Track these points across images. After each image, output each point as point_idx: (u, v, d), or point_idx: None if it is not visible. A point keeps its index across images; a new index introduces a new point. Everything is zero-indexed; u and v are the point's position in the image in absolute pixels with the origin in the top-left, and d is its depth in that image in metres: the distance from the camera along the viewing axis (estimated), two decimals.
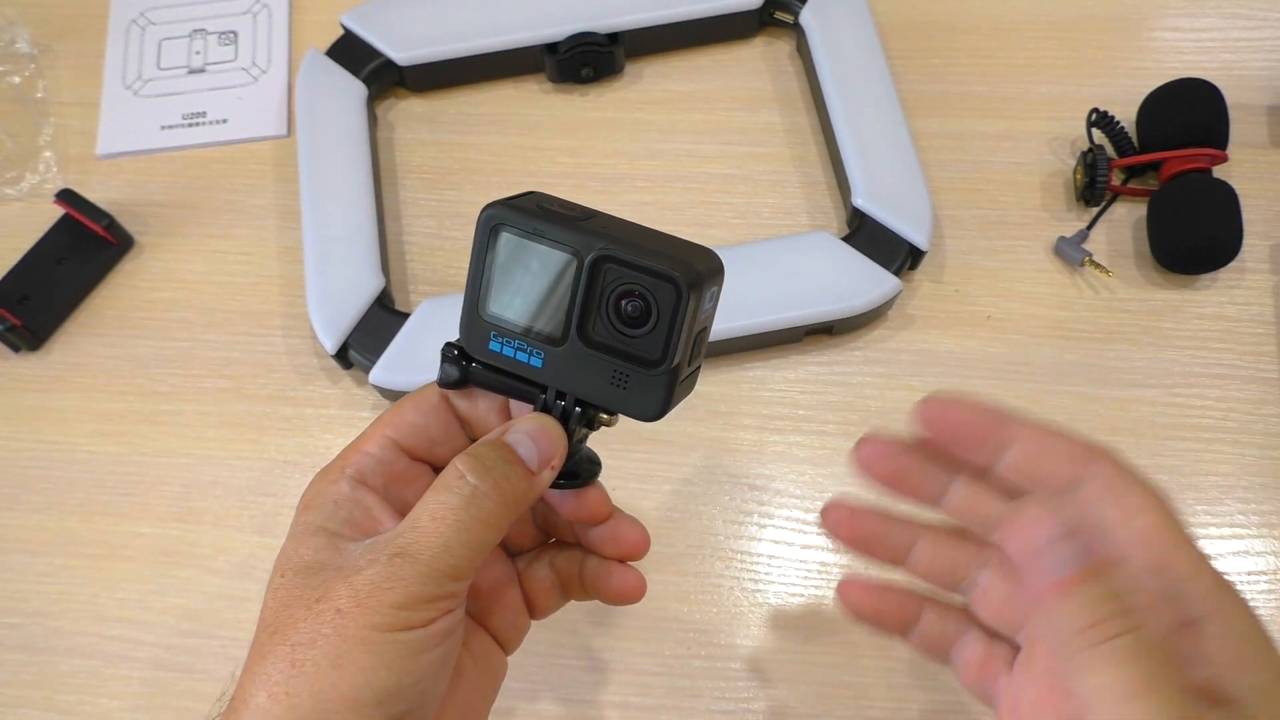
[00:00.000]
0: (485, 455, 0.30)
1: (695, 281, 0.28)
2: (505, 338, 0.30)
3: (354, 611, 0.27)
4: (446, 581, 0.28)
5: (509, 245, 0.29)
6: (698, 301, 0.28)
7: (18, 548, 0.50)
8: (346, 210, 0.54)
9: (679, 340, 0.28)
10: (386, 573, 0.28)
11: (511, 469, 0.30)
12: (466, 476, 0.29)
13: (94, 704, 0.47)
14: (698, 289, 0.28)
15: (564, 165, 0.58)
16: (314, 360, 0.53)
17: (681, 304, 0.28)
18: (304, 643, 0.27)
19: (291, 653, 0.27)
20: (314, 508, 0.31)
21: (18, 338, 0.53)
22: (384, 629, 0.27)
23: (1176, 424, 0.50)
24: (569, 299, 0.29)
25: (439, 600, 0.28)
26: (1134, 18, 0.61)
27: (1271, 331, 0.52)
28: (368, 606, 0.27)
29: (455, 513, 0.28)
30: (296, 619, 0.28)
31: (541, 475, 0.30)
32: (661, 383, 0.29)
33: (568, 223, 0.29)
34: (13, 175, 0.59)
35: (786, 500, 0.49)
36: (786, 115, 0.59)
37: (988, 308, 0.53)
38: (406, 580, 0.28)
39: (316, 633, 0.27)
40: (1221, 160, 0.53)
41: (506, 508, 0.29)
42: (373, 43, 0.58)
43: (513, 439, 0.30)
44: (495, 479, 0.29)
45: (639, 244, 0.28)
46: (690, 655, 0.46)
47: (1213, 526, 0.48)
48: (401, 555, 0.28)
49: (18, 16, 0.63)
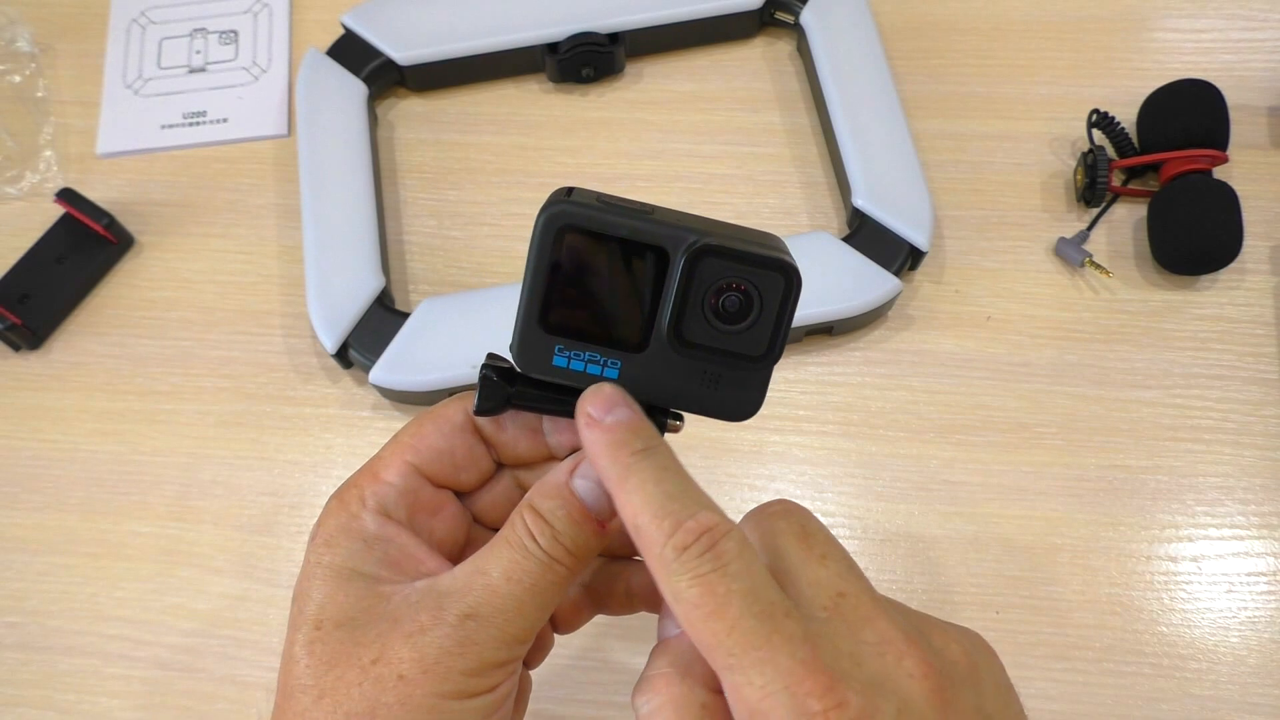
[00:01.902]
0: (554, 515, 0.27)
1: (798, 270, 0.27)
2: (574, 350, 0.28)
3: (420, 679, 0.25)
4: (518, 646, 0.27)
5: (578, 246, 0.26)
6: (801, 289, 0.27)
7: (17, 546, 0.50)
8: (346, 210, 0.54)
9: (787, 331, 0.27)
10: (457, 636, 0.26)
11: (581, 530, 0.27)
12: (539, 540, 0.27)
13: (93, 703, 0.47)
14: (801, 277, 0.27)
15: (564, 165, 0.58)
16: (314, 360, 0.53)
17: (792, 293, 0.26)
18: (361, 713, 0.25)
19: (348, 707, 0.25)
20: (337, 546, 0.28)
21: (18, 336, 0.53)
22: (452, 697, 0.26)
23: (1176, 425, 0.50)
24: (652, 298, 0.27)
25: (507, 665, 0.27)
26: (1134, 18, 0.61)
27: (1271, 333, 0.52)
28: (435, 674, 0.25)
29: (531, 577, 0.27)
30: (349, 682, 0.25)
31: (611, 524, 0.28)
32: (761, 378, 0.28)
33: (640, 216, 0.27)
34: (13, 174, 0.59)
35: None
36: (787, 115, 0.59)
37: (988, 308, 0.53)
38: (480, 646, 0.26)
39: (377, 701, 0.25)
40: (1222, 161, 0.53)
41: (580, 567, 0.28)
42: (373, 42, 0.58)
43: (579, 487, 0.27)
44: (567, 544, 0.27)
45: (729, 234, 0.27)
46: None
47: (1212, 527, 0.48)
48: (474, 618, 0.26)
49: (18, 15, 0.63)
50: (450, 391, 0.50)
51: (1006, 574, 0.47)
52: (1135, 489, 0.49)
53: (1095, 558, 0.47)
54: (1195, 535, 0.48)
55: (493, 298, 0.51)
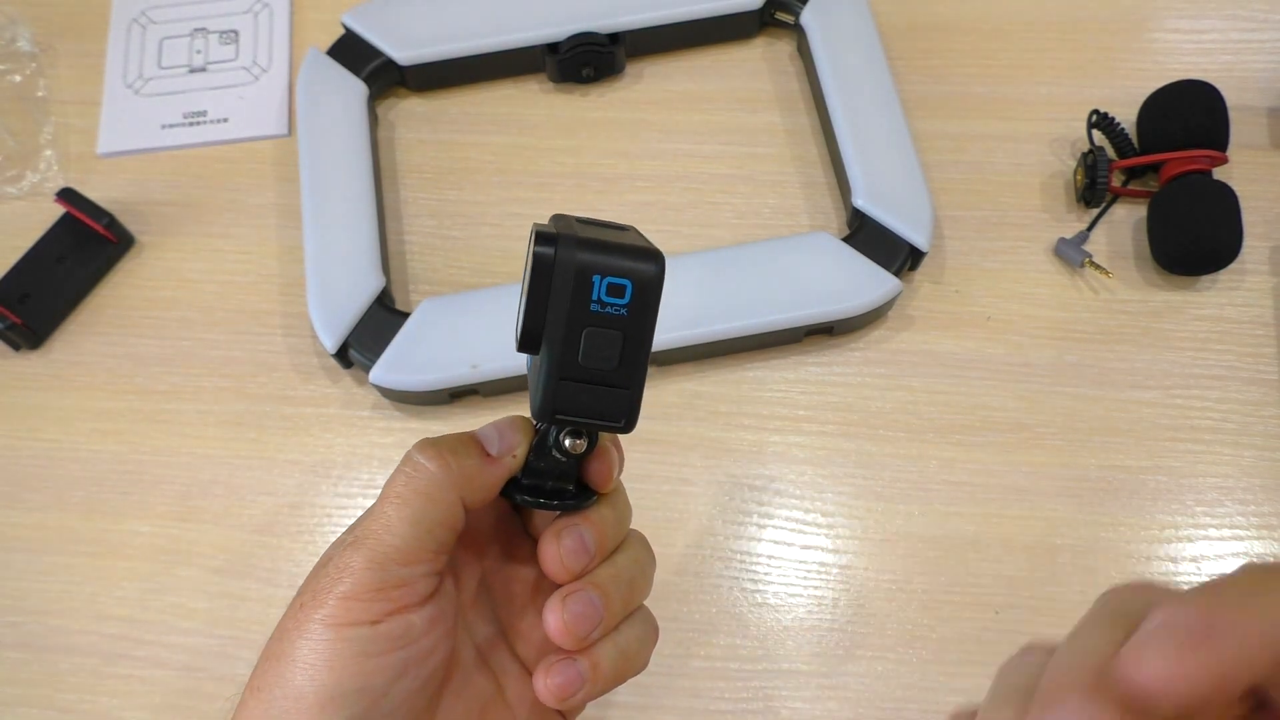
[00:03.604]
0: (443, 440, 0.29)
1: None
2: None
3: (310, 605, 0.27)
4: (393, 566, 0.27)
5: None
6: None
7: (17, 546, 0.50)
8: (347, 210, 0.54)
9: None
10: (339, 563, 0.27)
11: (466, 448, 0.29)
12: (415, 456, 0.28)
13: (93, 702, 0.47)
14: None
15: (564, 165, 0.58)
16: (314, 359, 0.53)
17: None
18: (275, 637, 0.27)
19: (267, 648, 0.27)
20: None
21: (18, 336, 0.53)
22: (330, 623, 0.26)
23: (1176, 425, 0.50)
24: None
25: (387, 591, 0.27)
26: (1134, 19, 0.61)
27: (1271, 333, 0.52)
28: (320, 599, 0.27)
29: (397, 490, 0.28)
30: (283, 617, 0.28)
31: (502, 460, 0.29)
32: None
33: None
34: (13, 174, 0.59)
35: (786, 500, 0.49)
36: (787, 116, 0.59)
37: (988, 309, 0.53)
38: (354, 568, 0.27)
39: (284, 628, 0.27)
40: (1222, 162, 0.53)
41: (453, 484, 0.28)
42: (374, 42, 0.58)
43: (479, 430, 0.30)
44: (444, 456, 0.28)
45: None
46: (690, 655, 0.46)
47: (1212, 528, 0.48)
48: (354, 544, 0.27)
49: (19, 15, 0.63)
50: (450, 391, 0.50)
51: (1006, 574, 0.47)
52: (1135, 489, 0.49)
53: (1095, 558, 0.47)
54: (1195, 535, 0.48)
55: (493, 298, 0.51)
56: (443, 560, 0.29)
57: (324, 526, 0.50)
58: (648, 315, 0.27)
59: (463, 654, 0.31)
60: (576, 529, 0.30)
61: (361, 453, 0.51)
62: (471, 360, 0.49)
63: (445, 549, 0.29)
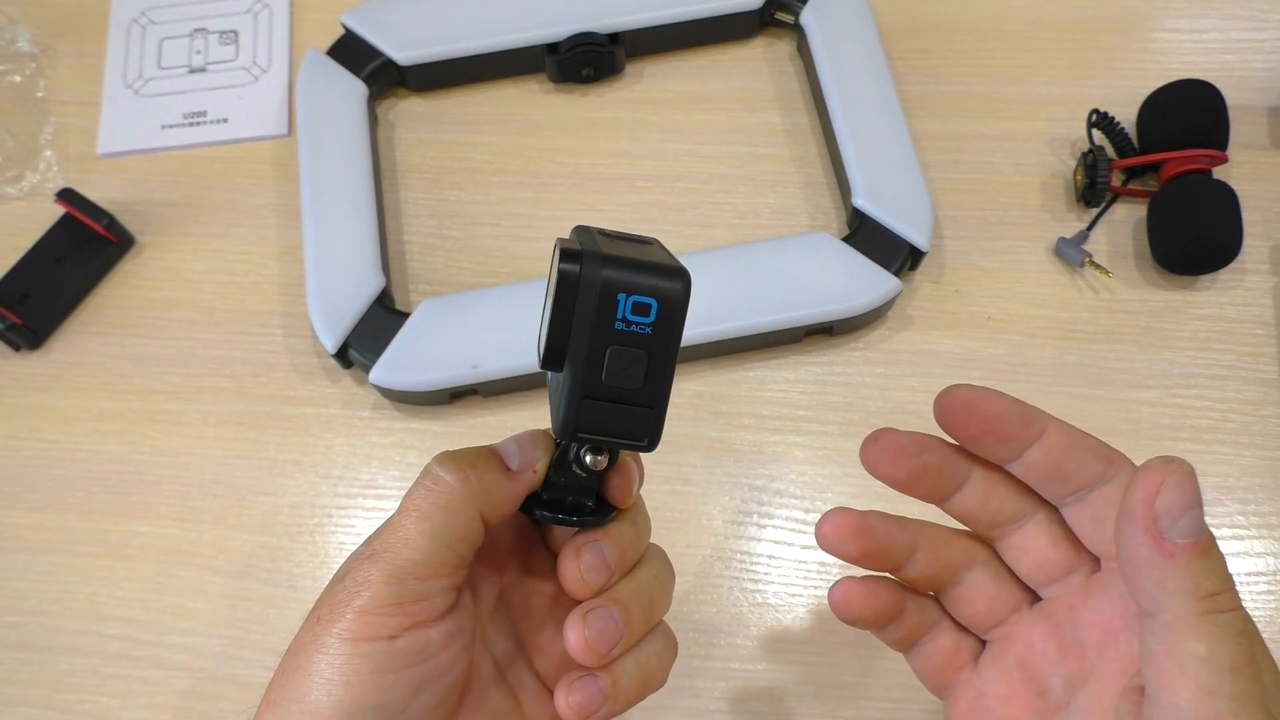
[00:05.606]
0: (462, 453, 0.29)
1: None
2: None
3: (328, 619, 0.27)
4: (411, 581, 0.27)
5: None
6: None
7: (17, 546, 0.50)
8: (346, 210, 0.54)
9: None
10: (358, 576, 0.27)
11: (487, 462, 0.29)
12: (434, 470, 0.28)
13: (93, 703, 0.47)
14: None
15: (564, 165, 0.58)
16: (314, 360, 0.53)
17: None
18: (291, 651, 0.27)
19: (284, 661, 0.27)
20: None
21: (18, 336, 0.53)
22: (347, 638, 0.26)
23: (1176, 425, 0.50)
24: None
25: (405, 606, 0.27)
26: (1134, 18, 0.61)
27: (1271, 333, 0.52)
28: (338, 613, 0.26)
29: (416, 503, 0.28)
30: (300, 630, 0.28)
31: (522, 475, 0.29)
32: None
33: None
34: (13, 174, 0.59)
35: (786, 500, 0.49)
36: (787, 116, 0.59)
37: (988, 308, 0.53)
38: (372, 582, 0.27)
39: (301, 642, 0.27)
40: (1221, 161, 0.53)
41: (472, 498, 0.28)
42: (374, 42, 0.58)
43: (499, 445, 0.30)
44: (464, 470, 0.28)
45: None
46: (690, 655, 0.46)
47: (1212, 527, 0.48)
48: (372, 557, 0.27)
49: (18, 15, 0.63)
50: (450, 391, 0.50)
51: None
52: None
53: None
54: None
55: (493, 298, 0.51)
56: (461, 575, 0.29)
57: (324, 526, 0.50)
58: (673, 334, 0.26)
59: (481, 669, 0.31)
60: (597, 545, 0.30)
61: (362, 453, 0.51)
62: (471, 360, 0.49)
63: (464, 564, 0.28)
